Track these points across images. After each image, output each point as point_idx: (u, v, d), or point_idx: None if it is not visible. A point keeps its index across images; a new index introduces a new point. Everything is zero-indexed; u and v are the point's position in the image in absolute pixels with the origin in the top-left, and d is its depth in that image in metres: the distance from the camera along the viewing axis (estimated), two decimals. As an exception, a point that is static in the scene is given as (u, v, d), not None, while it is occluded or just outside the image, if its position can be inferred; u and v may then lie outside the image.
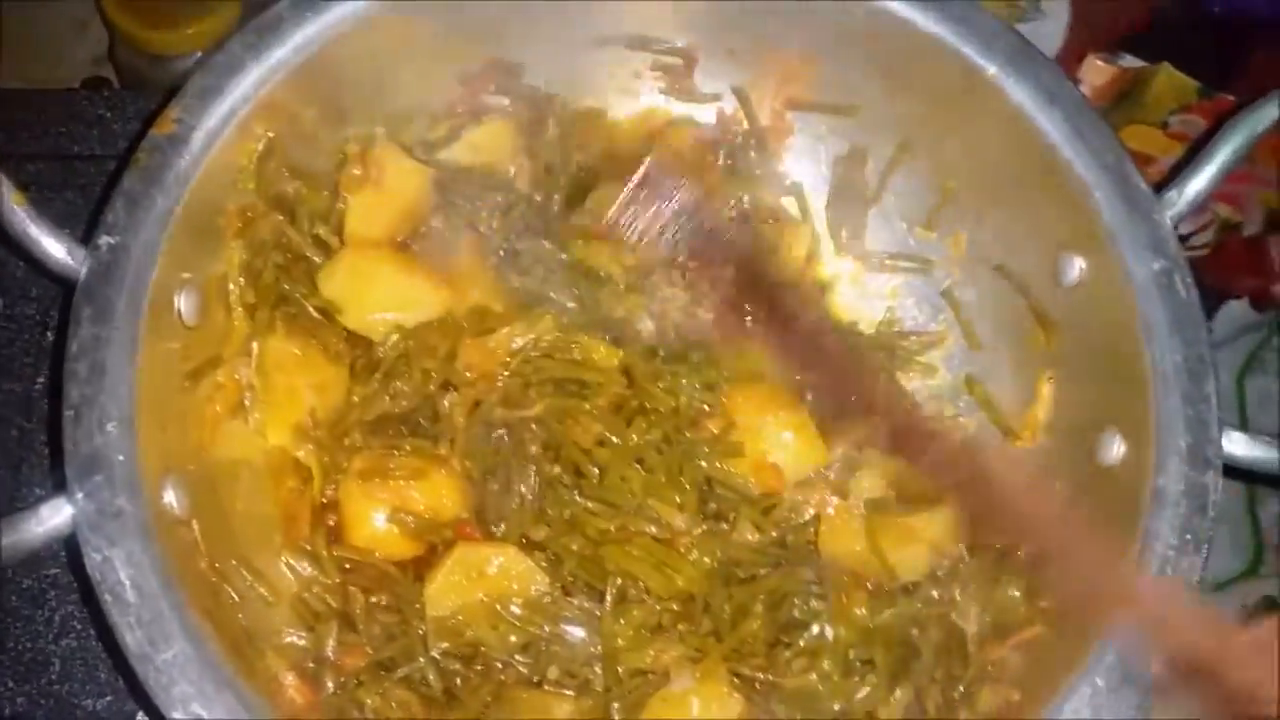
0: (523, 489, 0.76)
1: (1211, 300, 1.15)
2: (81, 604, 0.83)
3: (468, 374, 0.79)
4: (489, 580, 0.73)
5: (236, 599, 0.70)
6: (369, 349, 0.80)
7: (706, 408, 0.79)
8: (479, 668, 0.73)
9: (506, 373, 0.78)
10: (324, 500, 0.77)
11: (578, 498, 0.76)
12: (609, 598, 0.73)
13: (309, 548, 0.75)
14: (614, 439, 0.77)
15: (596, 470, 0.77)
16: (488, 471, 0.77)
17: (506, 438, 0.77)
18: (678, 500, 0.76)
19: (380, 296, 0.80)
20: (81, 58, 1.35)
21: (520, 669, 0.73)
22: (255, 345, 0.77)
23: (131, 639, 0.60)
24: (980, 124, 0.79)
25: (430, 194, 0.84)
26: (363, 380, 0.79)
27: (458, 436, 0.77)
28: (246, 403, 0.77)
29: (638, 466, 0.76)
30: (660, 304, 0.84)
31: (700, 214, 0.80)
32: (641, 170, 0.79)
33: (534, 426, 0.77)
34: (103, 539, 0.62)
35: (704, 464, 0.77)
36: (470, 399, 0.78)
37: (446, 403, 0.78)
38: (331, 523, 0.76)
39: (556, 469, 0.77)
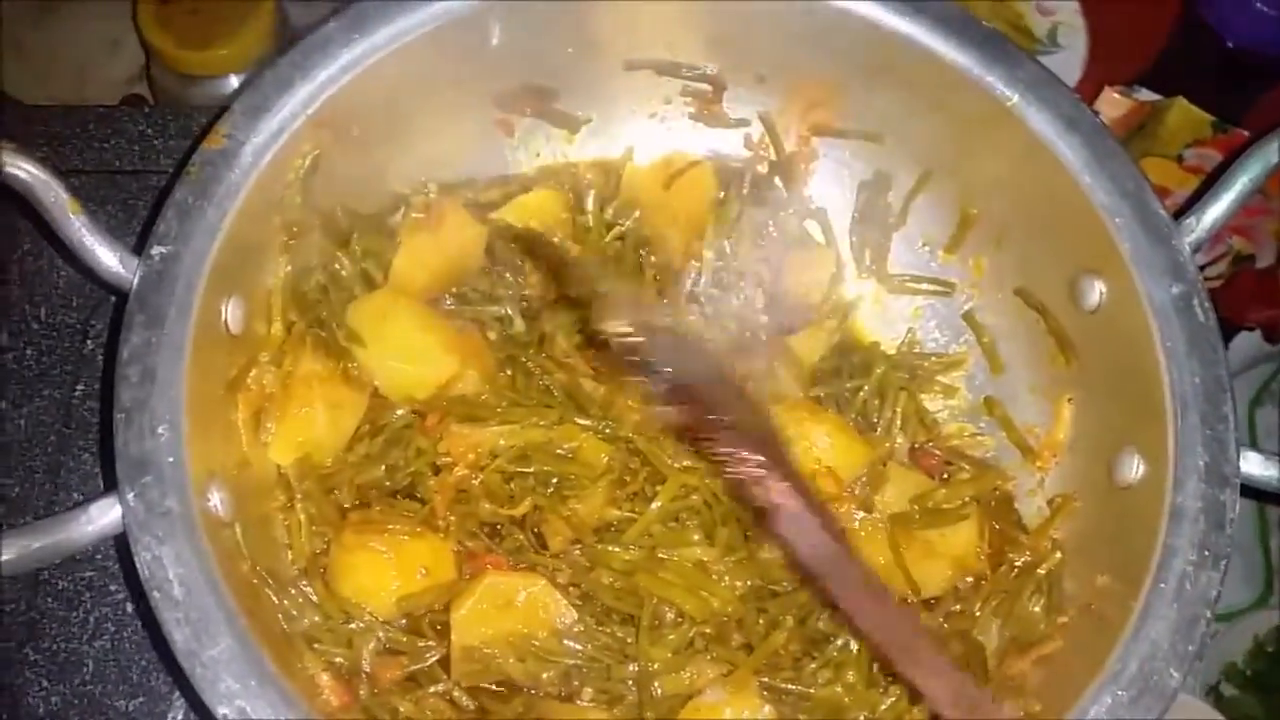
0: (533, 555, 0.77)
1: (1223, 332, 1.17)
2: (115, 607, 0.84)
3: (448, 458, 0.79)
4: (517, 611, 0.74)
5: (276, 601, 0.72)
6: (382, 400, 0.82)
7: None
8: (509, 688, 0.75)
9: (489, 466, 0.78)
10: (320, 549, 0.77)
11: (598, 546, 0.77)
12: (644, 621, 0.73)
13: (305, 587, 0.75)
14: (630, 514, 0.78)
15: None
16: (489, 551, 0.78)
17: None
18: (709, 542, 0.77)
19: (395, 342, 0.81)
20: (115, 77, 1.37)
21: (551, 689, 0.74)
22: (286, 356, 0.79)
23: (179, 635, 0.62)
24: (1003, 151, 0.81)
25: (481, 254, 0.87)
26: (365, 440, 0.80)
27: (451, 525, 0.77)
28: (264, 413, 0.78)
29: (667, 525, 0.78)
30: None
31: None
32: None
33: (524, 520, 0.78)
34: (152, 538, 0.64)
35: (742, 515, 0.78)
36: (451, 484, 0.78)
37: (432, 483, 0.79)
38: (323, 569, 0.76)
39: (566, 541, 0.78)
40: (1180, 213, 0.77)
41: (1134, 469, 0.73)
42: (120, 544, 0.65)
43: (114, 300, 0.90)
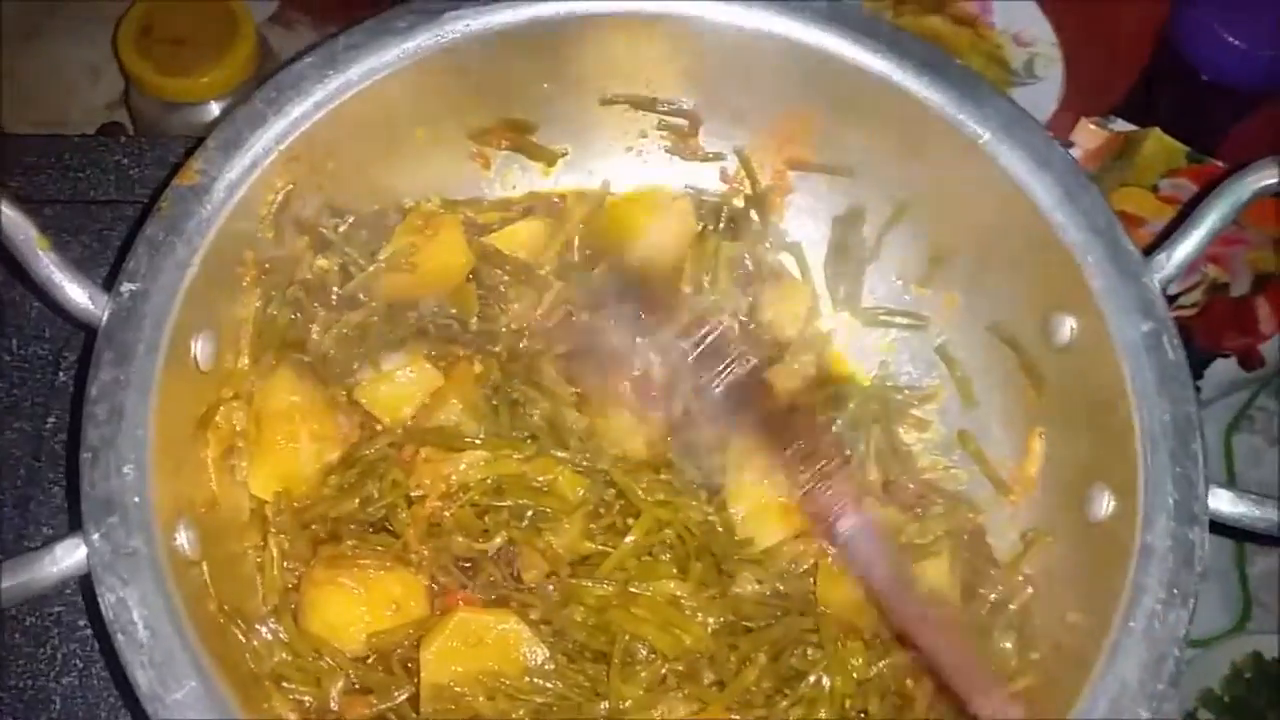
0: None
1: (1200, 359, 1.18)
2: (83, 643, 0.83)
3: (418, 490, 0.79)
4: (488, 649, 0.73)
5: (243, 641, 0.71)
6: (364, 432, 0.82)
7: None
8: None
9: (461, 497, 0.78)
10: (291, 584, 0.77)
11: (571, 581, 0.77)
12: (615, 658, 0.73)
13: (274, 625, 0.74)
14: (605, 548, 0.78)
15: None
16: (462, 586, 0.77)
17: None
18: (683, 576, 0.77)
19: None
20: (95, 104, 1.37)
21: None
22: (255, 393, 0.79)
23: (143, 678, 0.61)
24: (975, 187, 0.82)
25: (462, 279, 0.87)
26: (339, 472, 0.80)
27: (423, 560, 0.77)
28: (238, 449, 0.78)
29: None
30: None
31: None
32: None
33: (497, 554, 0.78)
34: (116, 579, 0.63)
35: (716, 550, 0.79)
36: (423, 517, 0.78)
37: (404, 516, 0.78)
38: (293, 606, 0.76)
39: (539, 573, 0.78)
40: (1151, 248, 0.78)
41: (1104, 505, 0.73)
42: (86, 584, 0.64)
43: (85, 335, 0.90)
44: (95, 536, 0.64)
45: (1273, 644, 1.07)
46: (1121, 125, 1.09)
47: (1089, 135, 1.11)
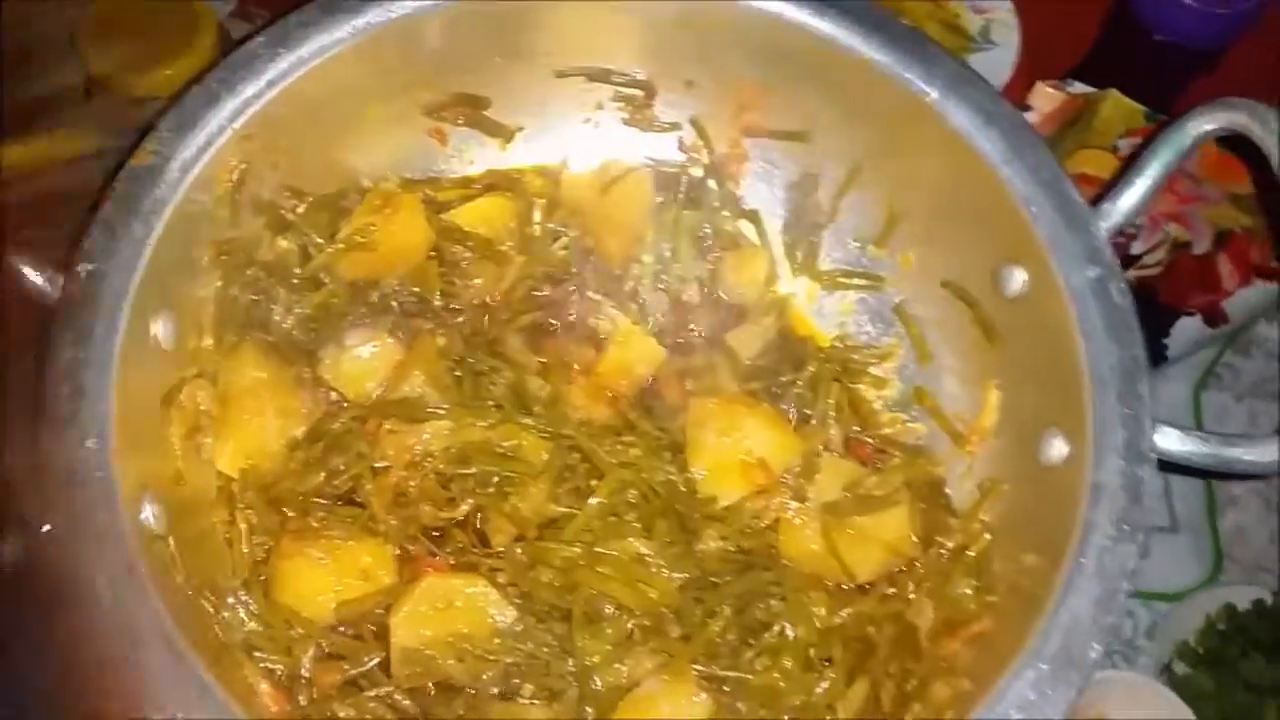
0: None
1: (1166, 318, 1.19)
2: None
3: (383, 462, 0.79)
4: (456, 612, 0.74)
5: (212, 612, 0.72)
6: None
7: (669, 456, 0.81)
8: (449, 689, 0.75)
9: (426, 467, 0.79)
10: (260, 558, 0.77)
11: (538, 544, 0.78)
12: (576, 613, 0.74)
13: (244, 598, 0.75)
14: (571, 510, 0.78)
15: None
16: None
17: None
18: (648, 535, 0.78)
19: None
20: (60, 100, 1.37)
21: (492, 690, 0.74)
22: (220, 373, 0.79)
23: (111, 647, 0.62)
24: (925, 146, 0.83)
25: (423, 257, 0.87)
26: (304, 447, 0.80)
27: (391, 530, 0.78)
28: (203, 427, 0.78)
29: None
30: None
31: None
32: None
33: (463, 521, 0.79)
34: (80, 549, 0.64)
35: (680, 508, 0.79)
36: (389, 487, 0.79)
37: (369, 488, 0.79)
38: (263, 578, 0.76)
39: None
40: (1097, 200, 0.79)
41: (1057, 449, 0.74)
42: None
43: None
44: (58, 509, 0.65)
45: (1245, 595, 1.08)
46: (1079, 88, 1.10)
47: (1046, 98, 1.11)
